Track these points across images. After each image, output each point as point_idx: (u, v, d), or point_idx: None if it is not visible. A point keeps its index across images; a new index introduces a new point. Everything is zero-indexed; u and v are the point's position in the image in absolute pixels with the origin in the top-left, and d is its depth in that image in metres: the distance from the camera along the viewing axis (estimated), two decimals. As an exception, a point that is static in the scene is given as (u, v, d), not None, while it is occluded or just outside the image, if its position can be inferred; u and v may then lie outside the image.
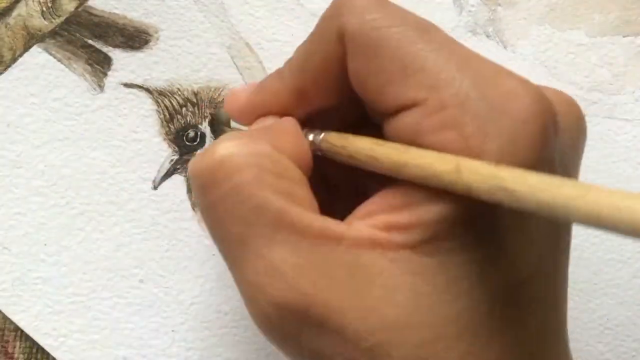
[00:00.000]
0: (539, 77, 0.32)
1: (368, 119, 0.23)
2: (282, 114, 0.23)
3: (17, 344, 0.30)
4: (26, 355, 0.29)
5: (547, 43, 0.32)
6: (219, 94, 0.32)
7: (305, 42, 0.23)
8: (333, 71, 0.21)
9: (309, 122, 0.23)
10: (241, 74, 0.32)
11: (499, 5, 0.33)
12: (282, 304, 0.19)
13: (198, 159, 0.20)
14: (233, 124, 0.29)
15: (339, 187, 0.25)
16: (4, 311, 0.29)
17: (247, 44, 0.32)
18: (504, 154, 0.18)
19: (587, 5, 0.33)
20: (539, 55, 0.32)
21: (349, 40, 0.20)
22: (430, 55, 0.19)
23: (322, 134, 0.23)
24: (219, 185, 0.20)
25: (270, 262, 0.19)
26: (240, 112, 0.25)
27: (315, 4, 0.32)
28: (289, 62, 0.23)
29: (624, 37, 0.32)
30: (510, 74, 0.19)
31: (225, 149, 0.20)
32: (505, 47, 0.32)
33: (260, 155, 0.20)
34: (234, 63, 0.32)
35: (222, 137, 0.22)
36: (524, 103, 0.18)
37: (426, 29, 0.20)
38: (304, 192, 0.20)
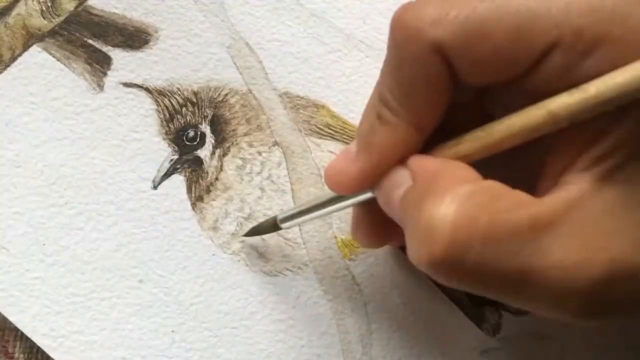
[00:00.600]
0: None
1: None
2: (400, 159, 0.22)
3: (17, 344, 0.29)
4: (26, 355, 0.29)
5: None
6: (219, 94, 0.31)
7: (390, 76, 0.22)
8: (442, 87, 0.21)
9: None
10: (241, 73, 0.32)
11: (499, 5, 0.33)
12: (614, 269, 0.19)
13: (425, 250, 0.20)
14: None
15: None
16: (2, 312, 0.29)
17: (247, 44, 0.32)
18: None
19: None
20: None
21: (449, 50, 0.20)
22: (529, 3, 0.19)
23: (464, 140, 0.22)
24: (469, 251, 0.19)
25: (558, 266, 0.19)
26: (354, 186, 0.23)
27: (315, 4, 0.32)
28: (385, 106, 0.22)
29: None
30: None
31: (443, 222, 0.19)
32: (504, 48, 0.32)
33: (470, 196, 0.20)
34: (234, 63, 0.32)
35: (412, 211, 0.20)
36: None
37: None
38: (516, 192, 0.20)
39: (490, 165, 0.22)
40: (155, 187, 0.30)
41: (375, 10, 0.32)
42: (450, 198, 0.19)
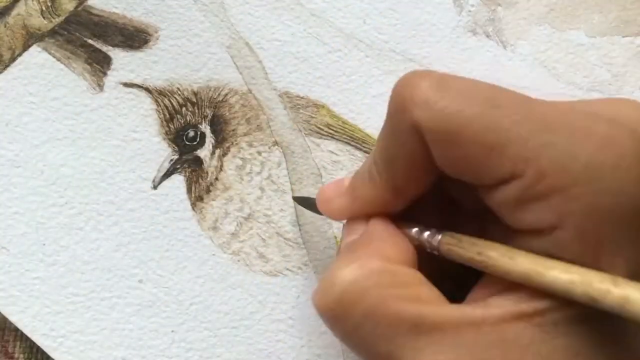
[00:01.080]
0: (538, 77, 0.32)
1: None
2: (378, 213, 0.24)
3: (17, 344, 0.29)
4: (26, 355, 0.29)
5: (547, 43, 0.32)
6: (219, 94, 0.31)
7: (381, 139, 0.23)
8: (420, 163, 0.22)
9: (406, 214, 0.24)
10: (241, 73, 0.32)
11: (499, 5, 0.33)
12: None
13: (320, 295, 0.22)
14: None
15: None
16: (2, 311, 0.29)
17: (247, 44, 0.32)
18: (614, 205, 0.18)
19: (586, 5, 0.33)
20: (538, 56, 0.32)
21: (426, 134, 0.21)
22: (511, 127, 0.19)
23: (439, 236, 0.23)
24: (351, 315, 0.21)
25: None
26: (335, 216, 0.26)
27: (315, 3, 0.32)
28: (374, 164, 0.23)
29: (623, 37, 0.32)
30: (596, 118, 0.19)
31: (342, 279, 0.21)
32: (505, 47, 0.32)
33: (377, 272, 0.21)
34: (234, 63, 0.32)
35: (333, 265, 0.22)
36: (623, 147, 0.19)
37: (496, 101, 0.20)
38: (427, 288, 0.21)
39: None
40: (155, 187, 0.30)
41: (375, 10, 0.32)
42: (359, 265, 0.21)
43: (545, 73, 0.32)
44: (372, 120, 0.31)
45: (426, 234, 0.23)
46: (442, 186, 0.24)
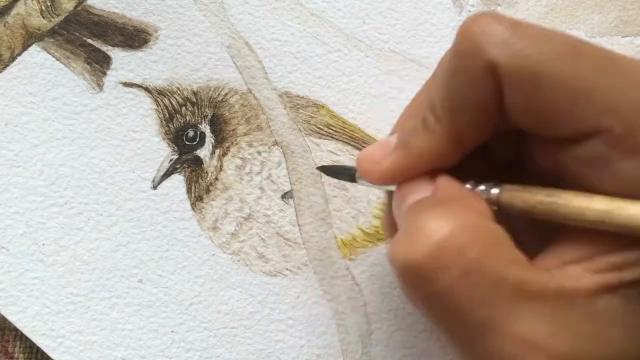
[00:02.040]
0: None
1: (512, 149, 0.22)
2: (434, 167, 0.22)
3: (17, 344, 0.29)
4: (26, 355, 0.29)
5: (547, 43, 0.32)
6: (219, 93, 0.31)
7: (444, 82, 0.21)
8: (489, 108, 0.20)
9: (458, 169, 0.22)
10: (241, 73, 0.32)
11: (499, 5, 0.33)
12: None
13: (405, 248, 0.19)
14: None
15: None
16: (2, 311, 0.29)
17: (246, 44, 0.32)
18: None
19: (586, 5, 0.33)
20: (538, 56, 0.32)
21: (504, 76, 0.19)
22: (596, 75, 0.18)
23: (497, 189, 0.21)
24: (446, 273, 0.18)
25: (521, 337, 0.18)
26: (384, 179, 0.23)
27: (315, 3, 0.32)
28: (431, 112, 0.21)
29: (623, 37, 0.32)
30: None
31: (437, 230, 0.18)
32: (504, 47, 0.32)
33: (476, 227, 0.19)
34: (234, 62, 0.32)
35: (414, 216, 0.20)
36: None
37: (579, 49, 0.19)
38: (518, 250, 0.19)
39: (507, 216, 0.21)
40: (155, 187, 0.30)
41: (375, 10, 0.32)
42: (453, 219, 0.19)
43: (545, 73, 0.32)
44: (372, 120, 0.31)
45: (481, 187, 0.21)
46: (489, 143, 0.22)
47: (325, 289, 0.30)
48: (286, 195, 0.30)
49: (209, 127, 0.31)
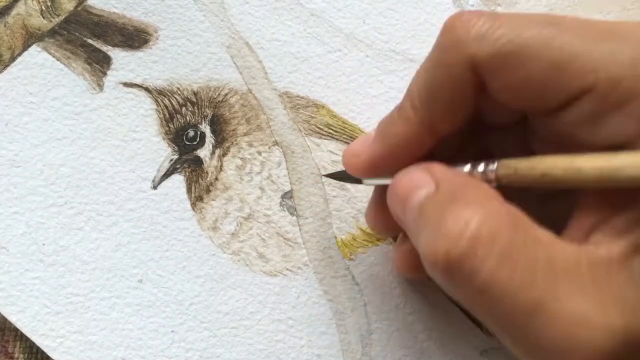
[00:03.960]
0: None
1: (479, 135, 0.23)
2: (409, 157, 0.23)
3: (17, 344, 0.29)
4: (26, 355, 0.29)
5: (547, 43, 0.32)
6: (219, 94, 0.31)
7: (425, 73, 0.22)
8: (465, 98, 0.21)
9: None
10: (241, 73, 0.32)
11: (499, 5, 0.33)
12: (608, 346, 0.18)
13: (442, 242, 0.19)
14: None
15: None
16: (2, 311, 0.29)
17: (246, 44, 0.32)
18: None
19: (586, 5, 0.33)
20: (538, 56, 0.32)
21: (486, 67, 0.20)
22: (573, 40, 0.19)
23: (495, 163, 0.21)
24: (486, 262, 0.18)
25: (570, 317, 0.18)
26: (365, 169, 0.24)
27: (315, 3, 0.32)
28: (409, 100, 0.22)
29: (623, 37, 0.32)
30: None
31: (469, 220, 0.19)
32: (504, 47, 0.32)
33: (501, 213, 0.19)
34: (234, 62, 0.32)
35: (433, 214, 0.20)
36: None
37: (555, 21, 0.20)
38: (543, 229, 0.19)
39: (522, 198, 0.21)
40: (155, 187, 0.30)
41: (375, 10, 0.32)
42: (475, 208, 0.19)
43: (545, 73, 0.32)
44: (372, 120, 0.31)
45: (480, 168, 0.22)
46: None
47: (325, 289, 0.30)
48: (286, 195, 0.30)
49: (209, 127, 0.31)
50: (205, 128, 0.31)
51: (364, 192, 0.31)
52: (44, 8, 0.32)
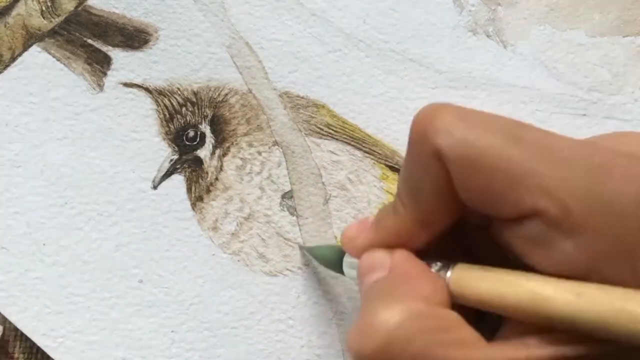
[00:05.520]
0: (538, 77, 0.32)
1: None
2: (405, 248, 0.23)
3: (17, 344, 0.29)
4: (26, 355, 0.29)
5: (547, 43, 0.32)
6: (219, 94, 0.31)
7: (404, 170, 0.23)
8: (445, 193, 0.21)
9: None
10: (241, 73, 0.32)
11: (499, 5, 0.33)
12: None
13: (361, 339, 0.20)
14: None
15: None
16: (2, 312, 0.29)
17: (247, 44, 0.32)
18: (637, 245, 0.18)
19: (587, 5, 0.33)
20: (538, 55, 0.32)
21: (448, 162, 0.20)
22: (530, 159, 0.19)
23: (448, 272, 0.22)
24: None
25: None
26: (359, 253, 0.24)
27: (315, 3, 0.32)
28: (398, 195, 0.23)
29: (623, 37, 0.32)
30: (614, 153, 0.19)
31: (387, 322, 0.20)
32: (505, 47, 0.32)
33: (422, 316, 0.20)
34: (234, 62, 0.32)
35: (368, 306, 0.21)
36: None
37: (517, 135, 0.20)
38: (467, 330, 0.20)
39: None
40: (155, 187, 0.30)
41: (375, 10, 0.32)
42: (401, 309, 0.20)
43: (546, 73, 0.32)
44: (372, 120, 0.31)
45: (436, 265, 0.22)
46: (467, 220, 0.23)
47: (325, 289, 0.30)
48: (286, 195, 0.30)
49: (209, 127, 0.31)
50: (205, 128, 0.31)
51: (364, 192, 0.31)
52: (44, 8, 0.32)
